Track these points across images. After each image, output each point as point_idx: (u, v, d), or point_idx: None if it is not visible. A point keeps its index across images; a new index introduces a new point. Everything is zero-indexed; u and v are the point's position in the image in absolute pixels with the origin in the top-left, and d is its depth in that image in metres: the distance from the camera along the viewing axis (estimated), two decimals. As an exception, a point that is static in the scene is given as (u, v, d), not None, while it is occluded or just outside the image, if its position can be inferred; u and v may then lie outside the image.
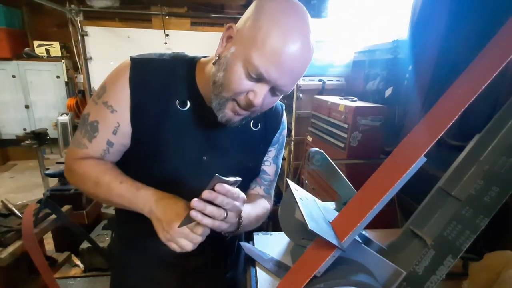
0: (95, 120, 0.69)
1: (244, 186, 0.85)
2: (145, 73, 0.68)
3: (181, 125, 0.70)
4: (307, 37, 0.58)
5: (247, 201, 0.77)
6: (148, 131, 0.69)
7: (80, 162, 0.70)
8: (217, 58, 0.65)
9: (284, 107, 0.86)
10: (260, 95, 0.60)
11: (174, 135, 0.70)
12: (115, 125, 0.69)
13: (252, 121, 0.78)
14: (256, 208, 0.77)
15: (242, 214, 0.66)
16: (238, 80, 0.59)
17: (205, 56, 0.74)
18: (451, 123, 0.45)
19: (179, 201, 0.63)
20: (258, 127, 0.79)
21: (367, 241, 0.66)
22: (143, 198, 0.65)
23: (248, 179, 0.84)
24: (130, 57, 0.70)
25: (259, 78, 0.59)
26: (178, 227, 0.57)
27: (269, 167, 0.85)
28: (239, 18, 0.64)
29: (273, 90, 0.62)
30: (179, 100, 0.70)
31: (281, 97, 0.68)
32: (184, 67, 0.71)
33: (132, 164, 0.72)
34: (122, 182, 0.67)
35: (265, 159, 0.84)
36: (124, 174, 0.71)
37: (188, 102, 0.71)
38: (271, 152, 0.85)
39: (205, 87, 0.69)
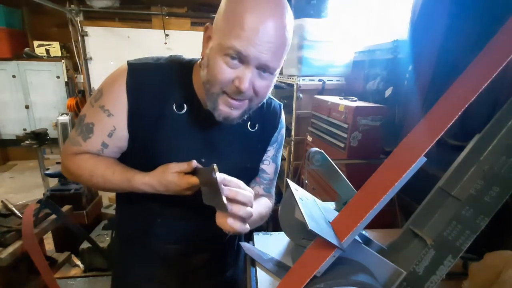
0: (91, 122, 0.70)
1: None
2: (141, 78, 0.69)
3: (178, 129, 0.71)
4: (279, 9, 0.58)
5: None
6: (145, 136, 0.70)
7: (74, 157, 0.72)
8: (201, 59, 0.66)
9: (282, 107, 0.86)
10: (244, 78, 0.59)
11: (172, 139, 0.71)
12: (111, 128, 0.70)
13: (249, 122, 0.78)
14: (259, 206, 0.77)
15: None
16: (220, 70, 0.60)
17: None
18: (451, 123, 0.45)
19: (165, 166, 0.67)
20: (256, 128, 0.79)
21: (367, 241, 0.66)
22: (138, 184, 0.68)
23: (246, 179, 0.84)
24: (127, 62, 0.70)
25: (239, 61, 0.59)
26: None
27: (268, 166, 0.85)
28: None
29: (259, 70, 0.61)
30: (175, 103, 0.70)
31: (274, 79, 0.67)
32: (181, 70, 0.72)
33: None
34: (114, 172, 0.69)
35: (264, 158, 0.84)
36: (116, 163, 0.72)
37: (185, 105, 0.71)
38: (270, 151, 0.85)
39: (202, 90, 0.69)
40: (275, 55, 0.60)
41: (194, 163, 0.65)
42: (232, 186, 0.59)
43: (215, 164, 0.57)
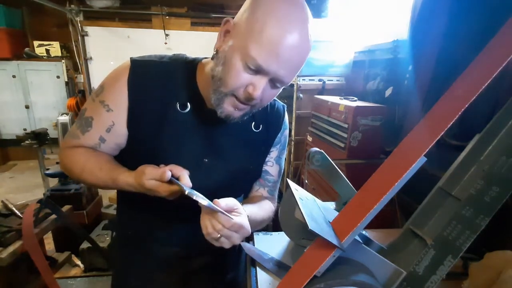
0: (90, 116, 0.70)
1: (245, 188, 0.85)
2: (144, 76, 0.68)
3: (181, 128, 0.70)
4: (305, 26, 0.57)
5: (252, 202, 0.77)
6: (147, 134, 0.69)
7: (71, 149, 0.72)
8: (215, 52, 0.65)
9: (285, 108, 0.86)
10: (259, 87, 0.59)
11: (175, 138, 0.70)
12: (110, 123, 0.69)
13: (253, 123, 0.78)
14: (260, 210, 0.77)
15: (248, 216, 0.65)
16: (236, 73, 0.59)
17: (206, 58, 0.73)
18: (451, 123, 0.45)
19: (141, 171, 0.63)
20: (260, 129, 0.79)
21: (367, 241, 0.66)
22: (122, 184, 0.66)
23: (249, 180, 0.84)
24: (130, 58, 0.70)
25: (257, 70, 0.58)
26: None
27: (272, 168, 0.85)
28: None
29: (273, 82, 0.61)
30: (179, 103, 0.70)
31: (281, 89, 0.67)
32: (185, 69, 0.71)
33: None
34: (101, 169, 0.68)
35: (267, 160, 0.84)
36: (107, 159, 0.71)
37: (188, 104, 0.71)
38: (273, 152, 0.84)
39: (206, 89, 0.69)
40: (292, 70, 0.60)
41: (168, 175, 0.59)
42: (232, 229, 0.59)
43: (189, 193, 0.55)
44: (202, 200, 0.56)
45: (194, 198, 0.55)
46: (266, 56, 0.56)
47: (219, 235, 0.57)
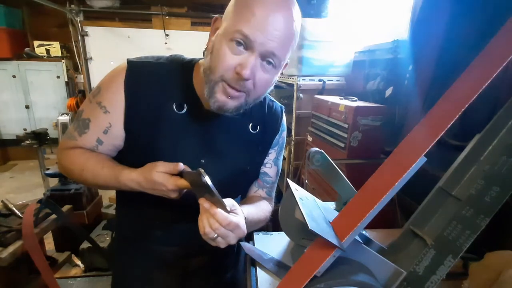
0: (87, 118, 0.70)
1: (243, 189, 0.85)
2: (141, 77, 0.68)
3: (178, 129, 0.71)
4: (287, 1, 0.59)
5: (249, 202, 0.77)
6: (144, 135, 0.69)
7: (69, 151, 0.72)
8: (206, 48, 0.66)
9: (283, 109, 0.86)
10: (247, 65, 0.59)
11: (171, 139, 0.70)
12: (107, 125, 0.69)
13: (251, 124, 0.78)
14: (258, 211, 0.77)
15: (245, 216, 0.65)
16: (223, 56, 0.60)
17: (203, 58, 0.74)
18: (451, 123, 0.45)
19: (152, 164, 0.64)
20: (257, 130, 0.79)
21: (367, 241, 0.66)
22: (125, 180, 0.66)
23: (246, 181, 0.84)
24: (127, 60, 0.70)
25: (245, 47, 0.59)
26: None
27: (270, 169, 0.85)
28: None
29: (263, 58, 0.61)
30: (175, 103, 0.70)
31: (276, 77, 0.66)
32: (181, 70, 0.71)
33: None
34: (104, 167, 0.69)
35: (265, 161, 0.84)
36: (107, 158, 0.72)
37: (185, 105, 0.71)
38: (272, 154, 0.84)
39: (202, 90, 0.69)
40: (282, 44, 0.60)
41: (181, 166, 0.63)
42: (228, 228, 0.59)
43: (201, 169, 0.56)
44: (212, 186, 0.56)
45: (206, 178, 0.56)
46: (251, 26, 0.57)
47: (215, 235, 0.57)
